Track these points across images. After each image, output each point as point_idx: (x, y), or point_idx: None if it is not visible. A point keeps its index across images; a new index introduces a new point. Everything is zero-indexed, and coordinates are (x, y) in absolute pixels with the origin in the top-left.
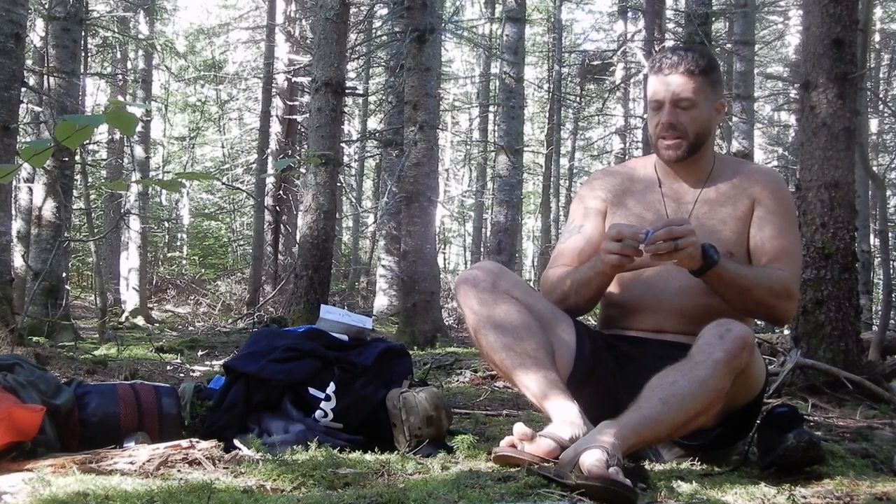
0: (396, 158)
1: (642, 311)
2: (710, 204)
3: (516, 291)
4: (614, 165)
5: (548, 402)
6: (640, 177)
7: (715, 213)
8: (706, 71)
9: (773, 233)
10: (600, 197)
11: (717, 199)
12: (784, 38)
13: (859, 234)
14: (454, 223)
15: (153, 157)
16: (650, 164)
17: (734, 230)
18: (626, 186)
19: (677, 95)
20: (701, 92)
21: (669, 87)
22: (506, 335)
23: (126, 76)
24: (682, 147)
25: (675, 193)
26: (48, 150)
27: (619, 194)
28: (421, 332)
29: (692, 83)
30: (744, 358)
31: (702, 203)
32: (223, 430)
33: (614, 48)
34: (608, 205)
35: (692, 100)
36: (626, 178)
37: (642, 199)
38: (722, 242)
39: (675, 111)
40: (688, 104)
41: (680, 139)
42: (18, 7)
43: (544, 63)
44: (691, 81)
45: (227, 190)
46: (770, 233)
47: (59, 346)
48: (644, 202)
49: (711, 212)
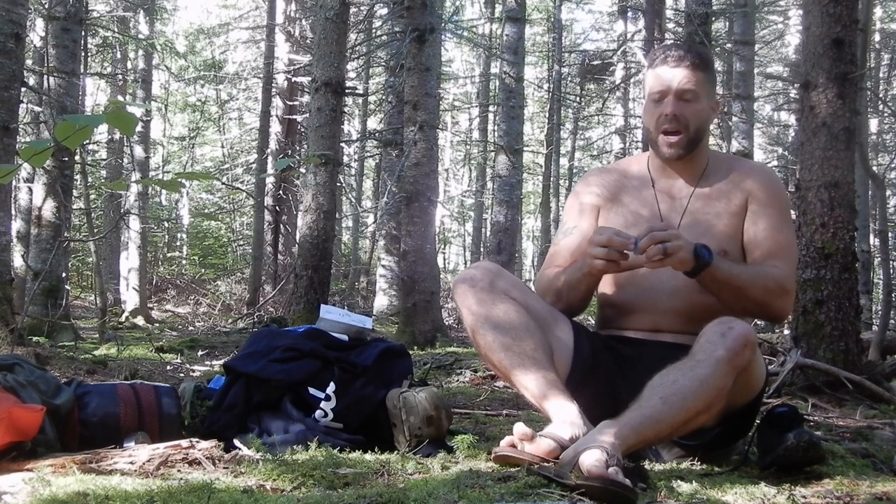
0: (396, 158)
1: (638, 311)
2: (705, 200)
3: (514, 291)
4: (608, 164)
5: (547, 403)
6: (634, 174)
7: (709, 208)
8: (706, 67)
9: (767, 227)
10: (595, 193)
11: (711, 195)
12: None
13: (859, 234)
14: (454, 223)
15: (153, 157)
16: (643, 162)
17: (728, 225)
18: (621, 184)
19: (682, 87)
20: (702, 87)
21: (674, 77)
22: (504, 335)
23: (126, 76)
24: (682, 143)
25: (669, 191)
26: (48, 150)
27: (614, 192)
28: (421, 332)
29: (695, 77)
30: (745, 356)
31: (696, 199)
32: (223, 430)
33: (614, 48)
34: (603, 202)
35: (696, 92)
36: (620, 176)
37: (637, 196)
38: (716, 238)
39: (679, 103)
40: (691, 96)
41: (680, 133)
42: (18, 7)
43: (544, 63)
44: (695, 75)
45: (227, 190)
46: (764, 227)
47: (59, 346)
48: (639, 199)
49: (705, 208)
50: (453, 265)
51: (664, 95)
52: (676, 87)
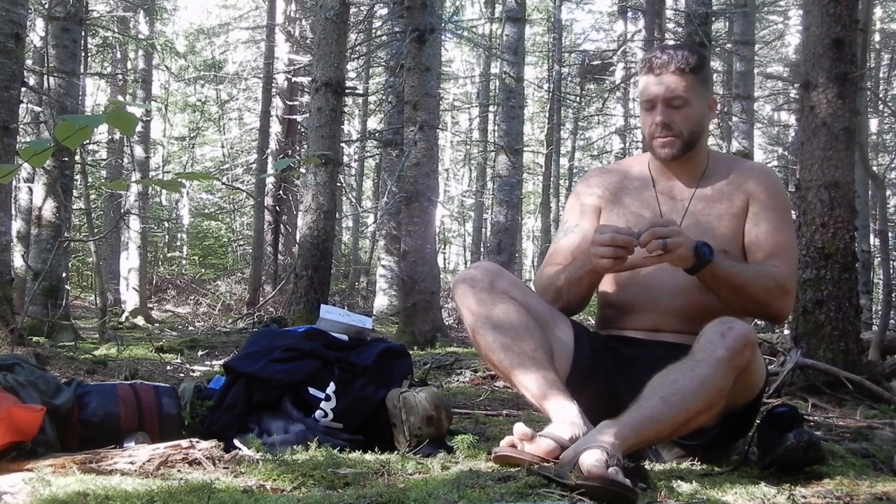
0: (396, 158)
1: (639, 310)
2: (706, 201)
3: (514, 291)
4: (609, 164)
5: (547, 403)
6: (635, 175)
7: (710, 209)
8: (696, 69)
9: (768, 229)
10: (596, 194)
11: (712, 196)
12: (784, 37)
13: (859, 234)
14: (454, 223)
15: (153, 157)
16: (644, 162)
17: (730, 227)
18: (622, 185)
19: (669, 94)
20: (692, 90)
21: (661, 86)
22: (504, 335)
23: (126, 76)
24: (677, 145)
25: (670, 191)
26: (48, 150)
27: (615, 192)
28: (421, 332)
29: (683, 81)
30: (746, 356)
31: (697, 200)
32: (223, 430)
33: (614, 48)
34: (604, 203)
35: (684, 98)
36: (621, 177)
37: (638, 197)
38: (717, 239)
39: (668, 110)
40: (680, 102)
41: (674, 138)
42: (18, 7)
43: (544, 63)
44: (682, 80)
45: (227, 190)
46: (765, 229)
47: (59, 346)
48: (640, 200)
49: (707, 209)
50: (453, 265)
51: (653, 105)
52: (664, 96)
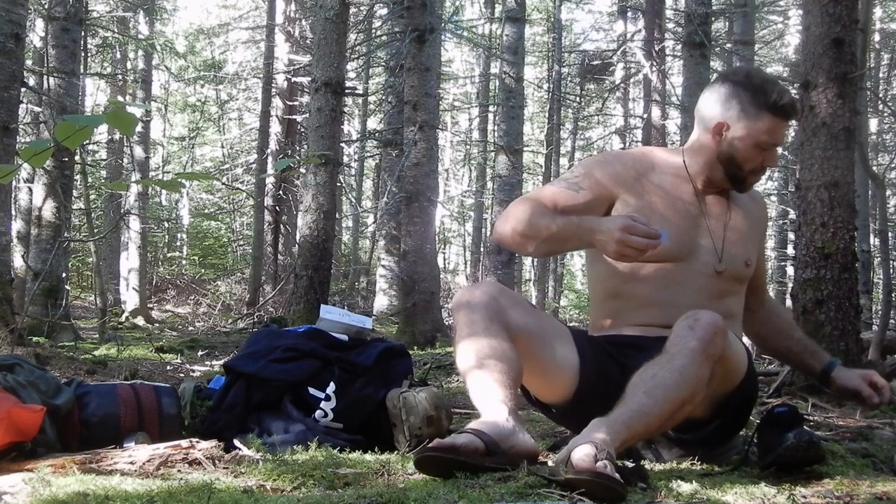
0: (396, 158)
1: (654, 305)
2: (740, 217)
3: (513, 314)
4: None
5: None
6: (667, 169)
7: (742, 225)
8: None
9: (762, 256)
10: (611, 182)
11: (742, 213)
12: (784, 37)
13: (859, 233)
14: (454, 223)
15: (153, 157)
16: (678, 160)
17: (756, 244)
18: (657, 179)
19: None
20: None
21: (785, 134)
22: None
23: (126, 76)
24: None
25: (709, 200)
26: (48, 151)
27: (638, 183)
28: (421, 332)
29: None
30: (717, 344)
31: (734, 214)
32: (223, 430)
33: (614, 48)
34: (620, 192)
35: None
36: (647, 169)
37: (676, 193)
38: (750, 252)
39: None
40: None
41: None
42: (18, 7)
43: (544, 63)
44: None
45: (227, 190)
46: (762, 256)
47: (59, 346)
48: (678, 198)
49: (740, 224)
50: (453, 265)
51: (772, 146)
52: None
